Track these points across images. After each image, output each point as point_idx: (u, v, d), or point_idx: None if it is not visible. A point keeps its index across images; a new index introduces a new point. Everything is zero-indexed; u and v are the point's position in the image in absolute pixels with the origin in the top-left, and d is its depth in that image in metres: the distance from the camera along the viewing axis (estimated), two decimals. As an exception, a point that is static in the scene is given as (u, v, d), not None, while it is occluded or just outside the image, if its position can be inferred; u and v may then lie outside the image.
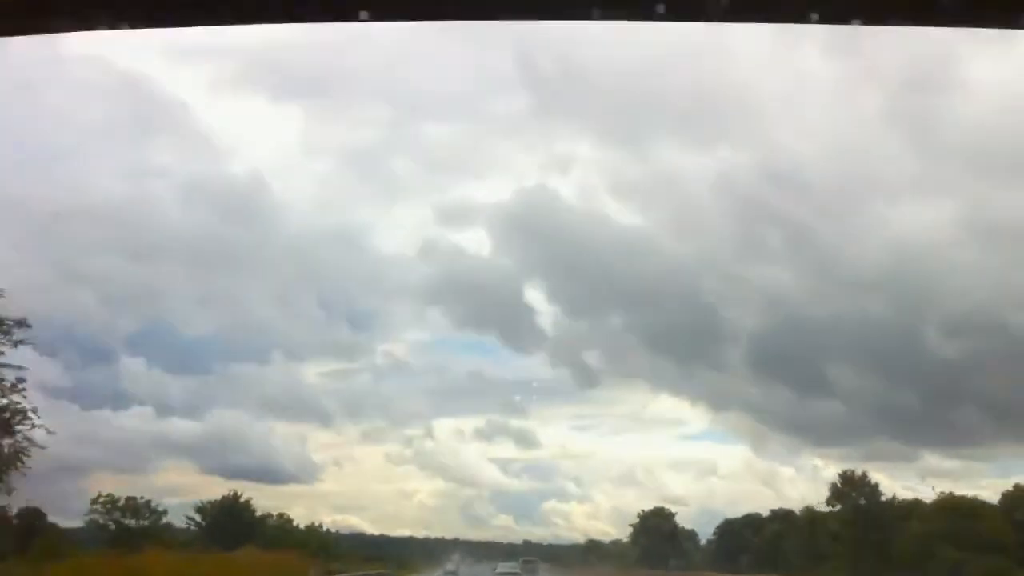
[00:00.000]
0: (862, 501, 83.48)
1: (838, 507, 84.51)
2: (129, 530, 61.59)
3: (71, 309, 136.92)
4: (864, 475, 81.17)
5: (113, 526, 62.43)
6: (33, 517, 56.52)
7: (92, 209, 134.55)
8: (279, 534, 66.37)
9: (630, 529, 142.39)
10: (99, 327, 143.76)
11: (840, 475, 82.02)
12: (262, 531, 64.57)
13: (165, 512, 63.77)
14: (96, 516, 62.36)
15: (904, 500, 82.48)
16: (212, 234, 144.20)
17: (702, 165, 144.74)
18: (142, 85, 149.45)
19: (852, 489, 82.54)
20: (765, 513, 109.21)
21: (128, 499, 63.25)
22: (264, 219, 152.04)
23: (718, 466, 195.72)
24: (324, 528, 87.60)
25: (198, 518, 63.12)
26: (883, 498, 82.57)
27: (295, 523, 76.84)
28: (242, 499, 63.23)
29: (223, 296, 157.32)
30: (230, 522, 59.18)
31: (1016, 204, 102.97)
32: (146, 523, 62.65)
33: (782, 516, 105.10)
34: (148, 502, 64.34)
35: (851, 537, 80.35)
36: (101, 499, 62.90)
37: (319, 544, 75.73)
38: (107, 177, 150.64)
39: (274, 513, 71.60)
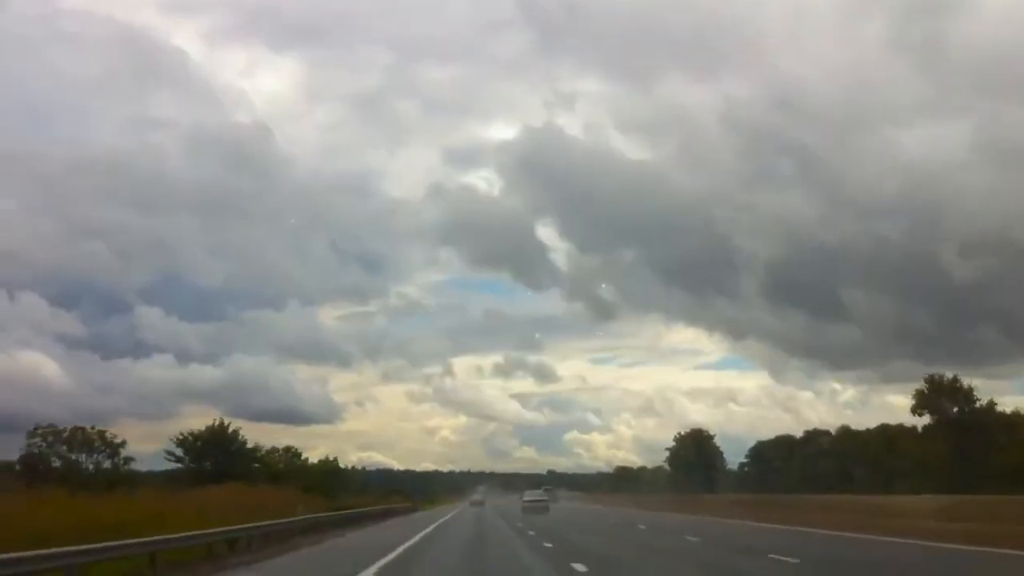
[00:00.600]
0: (955, 410, 74.49)
1: (925, 417, 74.91)
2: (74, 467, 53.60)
3: (86, 262, 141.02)
4: (955, 379, 74.14)
5: (58, 462, 54.77)
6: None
7: (99, 162, 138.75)
8: (287, 470, 62.99)
9: (656, 457, 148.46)
10: (114, 279, 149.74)
11: (927, 380, 74.46)
12: (264, 465, 60.48)
13: (123, 444, 56.08)
14: (35, 450, 54.71)
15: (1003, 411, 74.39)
16: (220, 183, 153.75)
17: (709, 96, 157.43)
18: (142, 37, 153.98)
19: (942, 396, 73.90)
20: (796, 435, 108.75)
21: (75, 429, 56.15)
22: (271, 167, 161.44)
23: (737, 393, 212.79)
24: (340, 462, 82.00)
25: (179, 452, 54.29)
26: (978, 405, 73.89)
27: (304, 457, 72.22)
28: (230, 429, 55.94)
29: (235, 245, 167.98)
30: (217, 456, 52.43)
31: None
32: (103, 460, 55.26)
33: (817, 437, 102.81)
34: (102, 432, 56.51)
35: (943, 451, 72.72)
36: (40, 431, 55.29)
37: (334, 478, 72.07)
38: (112, 130, 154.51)
39: (279, 447, 67.62)
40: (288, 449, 68.28)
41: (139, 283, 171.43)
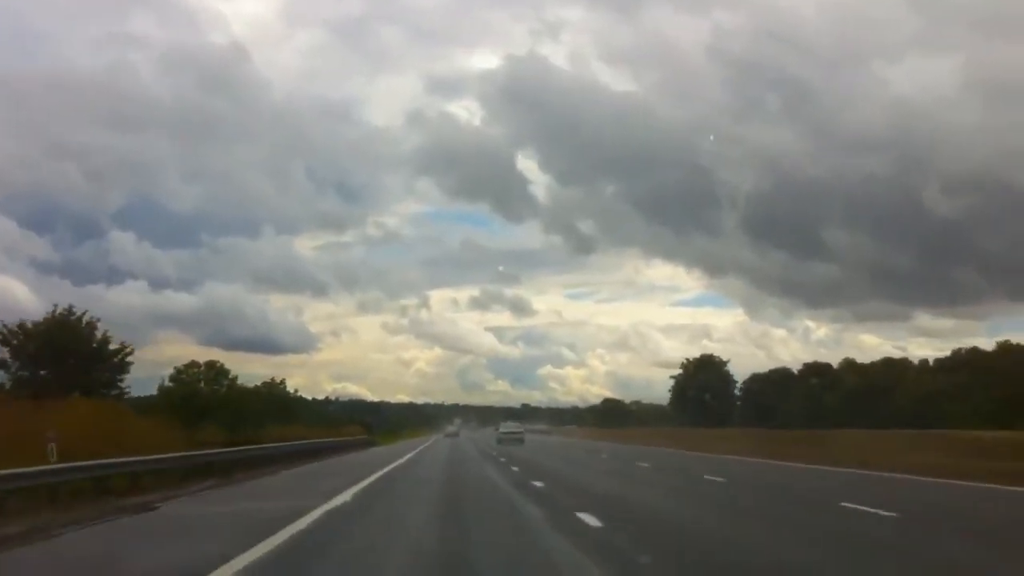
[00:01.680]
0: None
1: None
2: None
3: (57, 184, 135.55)
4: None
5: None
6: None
7: (71, 81, 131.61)
8: (207, 394, 49.21)
9: (632, 391, 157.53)
10: (86, 202, 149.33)
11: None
12: (175, 386, 47.92)
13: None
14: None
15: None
16: (195, 105, 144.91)
17: (696, 27, 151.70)
18: None
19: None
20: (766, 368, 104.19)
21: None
22: (247, 90, 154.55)
23: (712, 330, 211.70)
24: (309, 392, 70.78)
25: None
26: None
27: (242, 382, 56.47)
28: (84, 321, 38.59)
29: (209, 169, 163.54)
30: (61, 361, 35.14)
31: (1020, 62, 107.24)
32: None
33: (817, 370, 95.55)
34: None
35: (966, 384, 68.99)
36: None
37: (277, 406, 59.10)
38: (85, 48, 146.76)
39: (199, 363, 52.08)
40: (213, 365, 52.64)
41: (112, 206, 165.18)
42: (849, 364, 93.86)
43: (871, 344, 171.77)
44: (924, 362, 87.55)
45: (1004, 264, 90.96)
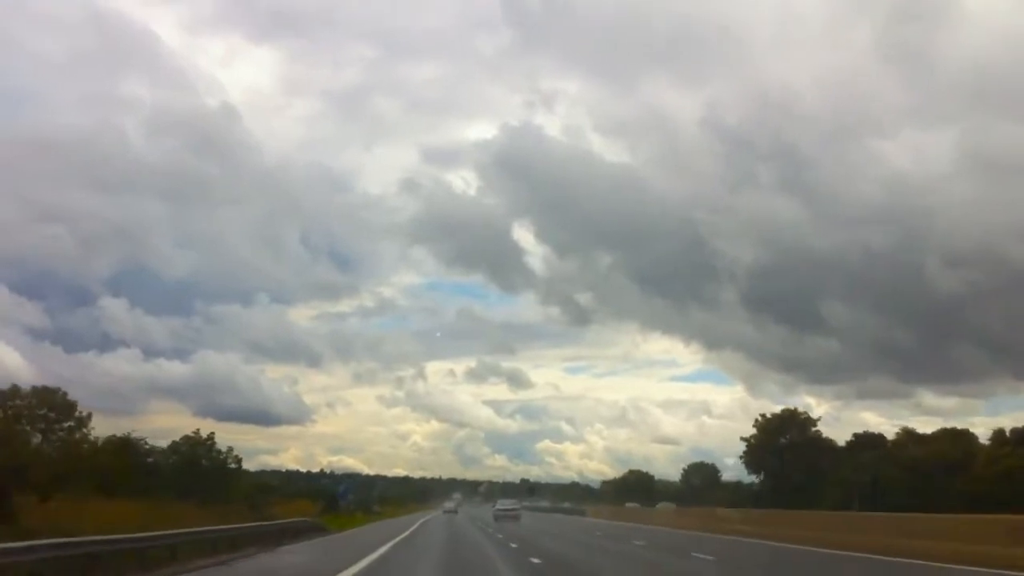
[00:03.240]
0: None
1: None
2: None
3: (48, 249, 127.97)
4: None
5: None
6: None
7: (61, 143, 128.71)
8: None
9: (619, 466, 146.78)
10: (78, 267, 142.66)
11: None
12: None
13: None
14: None
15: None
16: (186, 168, 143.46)
17: (691, 99, 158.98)
18: (114, 20, 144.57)
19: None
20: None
21: None
22: (242, 156, 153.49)
23: (712, 405, 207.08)
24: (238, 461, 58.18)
25: None
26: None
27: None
28: None
29: (202, 234, 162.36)
30: None
31: (1017, 135, 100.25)
32: None
33: (871, 442, 79.95)
34: None
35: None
36: None
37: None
38: (75, 110, 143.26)
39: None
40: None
41: (104, 272, 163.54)
42: (908, 434, 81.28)
43: (873, 422, 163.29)
44: (1000, 432, 73.83)
45: (1006, 341, 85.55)
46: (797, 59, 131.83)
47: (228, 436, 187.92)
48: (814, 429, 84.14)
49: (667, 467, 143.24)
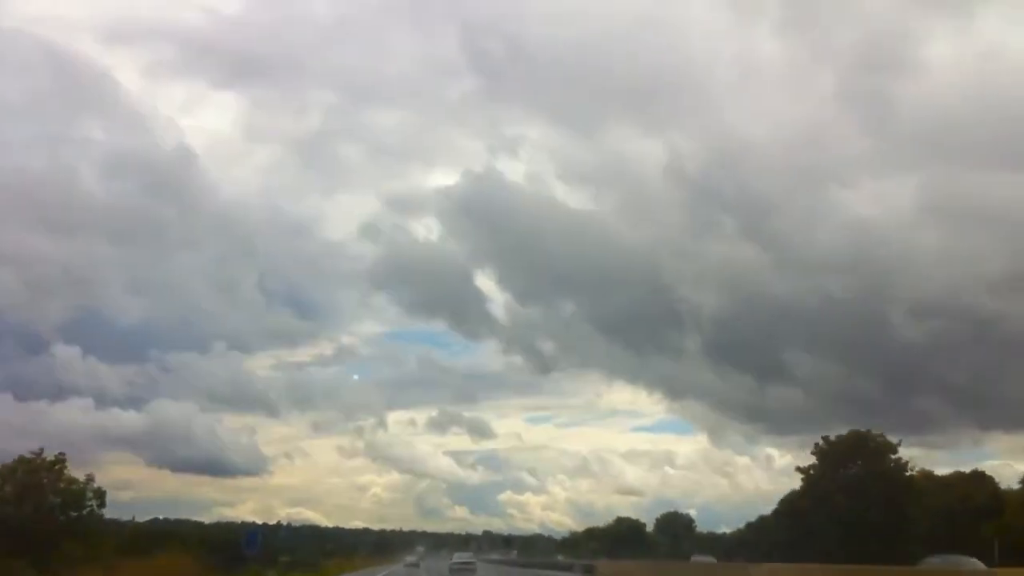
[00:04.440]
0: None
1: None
2: None
3: None
4: None
5: None
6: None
7: (9, 185, 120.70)
8: None
9: (591, 519, 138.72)
10: (28, 314, 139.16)
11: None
12: None
13: None
14: None
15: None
16: (140, 211, 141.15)
17: (654, 147, 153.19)
18: (70, 62, 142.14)
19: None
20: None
21: None
22: (197, 197, 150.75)
23: (674, 456, 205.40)
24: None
25: None
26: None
27: None
28: None
29: (158, 280, 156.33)
30: None
31: (979, 185, 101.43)
32: None
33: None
34: None
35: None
36: None
37: None
38: (26, 151, 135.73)
39: None
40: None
41: (55, 318, 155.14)
42: (926, 476, 70.84)
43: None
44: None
45: (970, 391, 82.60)
46: (759, 107, 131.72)
47: (184, 488, 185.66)
48: (894, 457, 66.37)
49: (631, 516, 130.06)
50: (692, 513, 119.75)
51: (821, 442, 68.52)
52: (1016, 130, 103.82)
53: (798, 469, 70.23)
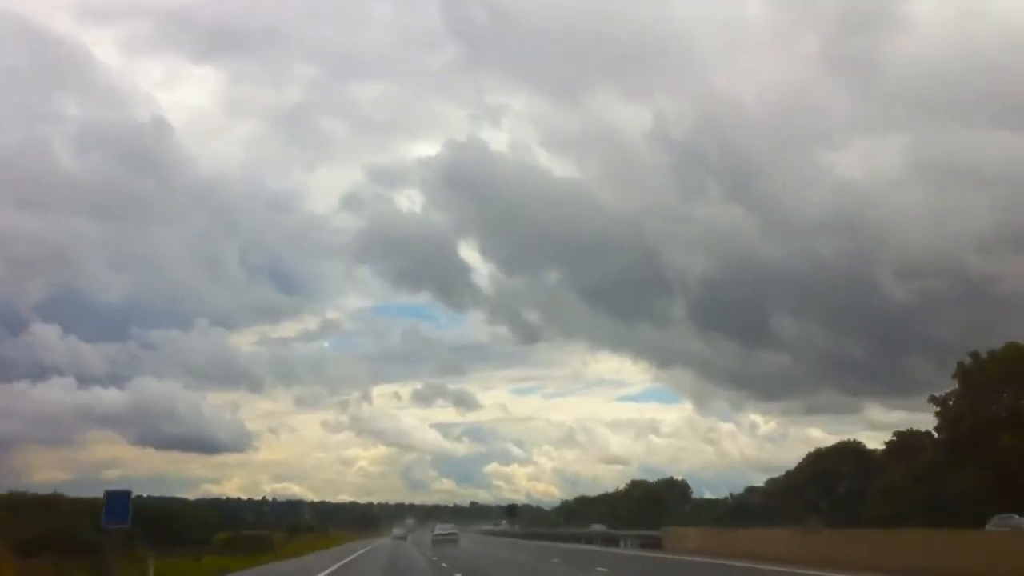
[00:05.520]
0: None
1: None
2: None
3: None
4: None
5: None
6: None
7: None
8: None
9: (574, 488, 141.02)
10: (5, 292, 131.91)
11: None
12: None
13: None
14: None
15: None
16: (118, 185, 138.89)
17: (639, 112, 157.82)
18: (47, 38, 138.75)
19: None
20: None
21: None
22: (180, 177, 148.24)
23: (659, 424, 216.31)
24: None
25: None
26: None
27: None
28: None
29: (137, 256, 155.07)
30: None
31: (966, 143, 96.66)
32: None
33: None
34: None
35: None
36: None
37: None
38: (0, 126, 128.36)
39: None
40: None
41: (34, 296, 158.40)
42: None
43: (818, 438, 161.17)
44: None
45: (957, 353, 66.26)
46: (744, 70, 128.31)
47: (170, 465, 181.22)
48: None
49: (616, 486, 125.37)
50: (687, 480, 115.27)
51: (969, 359, 49.42)
52: (1004, 87, 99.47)
53: (932, 399, 51.45)
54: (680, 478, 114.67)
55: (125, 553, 31.51)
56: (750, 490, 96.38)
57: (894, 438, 64.34)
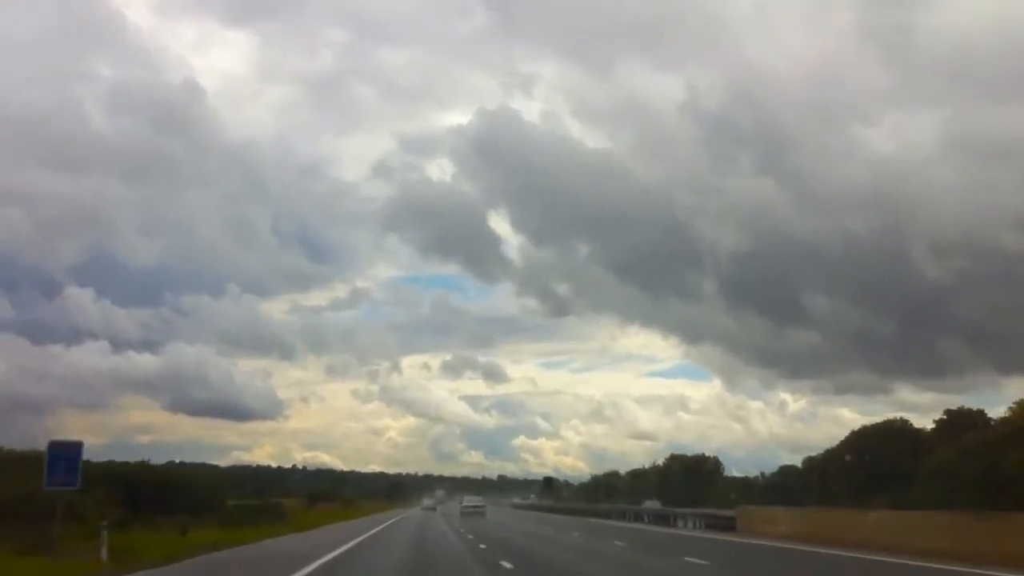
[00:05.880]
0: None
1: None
2: None
3: (7, 235, 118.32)
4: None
5: None
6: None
7: (17, 119, 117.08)
8: None
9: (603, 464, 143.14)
10: (39, 255, 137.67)
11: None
12: None
13: None
14: None
15: None
16: (150, 147, 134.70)
17: (671, 84, 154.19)
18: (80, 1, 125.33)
19: None
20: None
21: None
22: (212, 143, 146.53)
23: (688, 401, 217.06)
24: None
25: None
26: None
27: None
28: None
29: (169, 219, 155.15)
30: None
31: (1003, 119, 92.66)
32: None
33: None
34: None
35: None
36: None
37: None
38: (33, 87, 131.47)
39: None
40: None
41: (67, 260, 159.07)
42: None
43: (849, 419, 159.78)
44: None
45: (990, 333, 69.05)
46: (778, 42, 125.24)
47: (202, 431, 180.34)
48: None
49: (644, 463, 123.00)
50: (718, 457, 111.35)
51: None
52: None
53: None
54: (711, 455, 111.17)
55: (87, 523, 25.71)
56: (784, 468, 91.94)
57: (944, 416, 58.28)
